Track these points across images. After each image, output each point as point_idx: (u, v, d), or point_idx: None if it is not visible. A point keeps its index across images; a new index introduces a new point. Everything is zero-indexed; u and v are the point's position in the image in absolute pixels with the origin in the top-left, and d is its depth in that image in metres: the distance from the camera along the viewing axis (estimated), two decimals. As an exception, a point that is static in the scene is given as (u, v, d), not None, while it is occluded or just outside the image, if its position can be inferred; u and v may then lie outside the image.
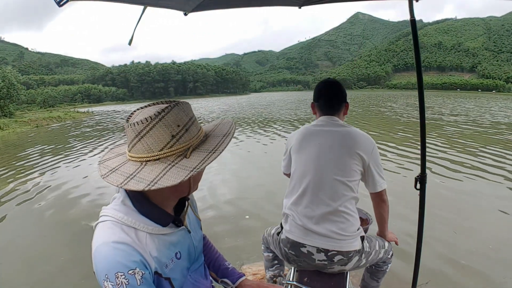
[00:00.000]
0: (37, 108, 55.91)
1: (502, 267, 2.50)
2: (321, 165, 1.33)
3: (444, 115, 15.83)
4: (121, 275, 0.64)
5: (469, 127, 11.14)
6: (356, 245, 1.31)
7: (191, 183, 0.78)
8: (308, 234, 1.32)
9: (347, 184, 1.30)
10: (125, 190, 0.75)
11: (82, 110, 38.82)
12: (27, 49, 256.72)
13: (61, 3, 0.83)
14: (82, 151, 8.83)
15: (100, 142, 10.66)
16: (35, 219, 3.88)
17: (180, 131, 0.69)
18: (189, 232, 0.87)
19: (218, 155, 0.70)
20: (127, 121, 0.71)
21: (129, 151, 0.71)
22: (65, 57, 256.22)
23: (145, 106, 0.74)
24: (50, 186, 5.28)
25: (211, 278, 1.01)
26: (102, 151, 8.68)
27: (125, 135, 0.69)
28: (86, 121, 21.83)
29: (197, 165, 0.67)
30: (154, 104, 0.74)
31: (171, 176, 0.65)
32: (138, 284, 0.65)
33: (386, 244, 1.55)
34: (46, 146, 10.34)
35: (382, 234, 1.56)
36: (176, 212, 0.84)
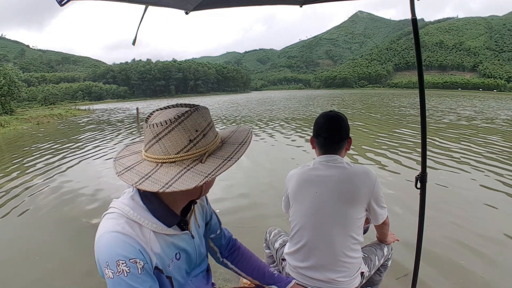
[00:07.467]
0: (38, 105, 56.03)
1: (481, 262, 2.49)
2: (319, 222, 1.28)
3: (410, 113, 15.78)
4: (122, 263, 0.64)
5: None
6: (357, 282, 1.32)
7: (204, 188, 0.78)
8: (307, 279, 1.31)
9: (350, 235, 1.27)
10: None
11: (83, 107, 38.90)
12: (28, 46, 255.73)
13: (63, 2, 0.83)
14: (81, 149, 8.83)
15: (98, 140, 10.68)
16: (36, 216, 3.88)
17: (198, 136, 0.69)
18: (193, 237, 0.86)
19: (234, 163, 0.69)
20: (146, 121, 0.71)
21: (145, 151, 0.71)
22: (66, 55, 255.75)
23: (165, 108, 0.74)
24: (50, 183, 5.28)
25: (212, 281, 1.00)
26: (101, 149, 8.70)
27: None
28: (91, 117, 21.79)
29: (212, 172, 0.67)
30: (174, 107, 0.74)
31: (185, 180, 0.66)
32: (139, 272, 0.66)
33: (385, 250, 1.55)
34: (45, 143, 10.37)
35: (382, 241, 1.59)
36: (182, 214, 0.84)
